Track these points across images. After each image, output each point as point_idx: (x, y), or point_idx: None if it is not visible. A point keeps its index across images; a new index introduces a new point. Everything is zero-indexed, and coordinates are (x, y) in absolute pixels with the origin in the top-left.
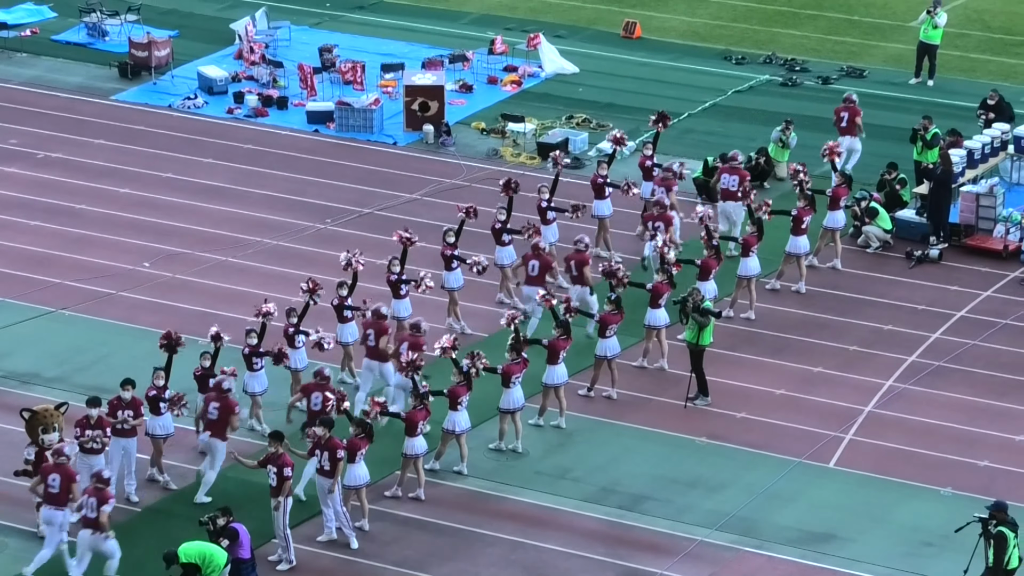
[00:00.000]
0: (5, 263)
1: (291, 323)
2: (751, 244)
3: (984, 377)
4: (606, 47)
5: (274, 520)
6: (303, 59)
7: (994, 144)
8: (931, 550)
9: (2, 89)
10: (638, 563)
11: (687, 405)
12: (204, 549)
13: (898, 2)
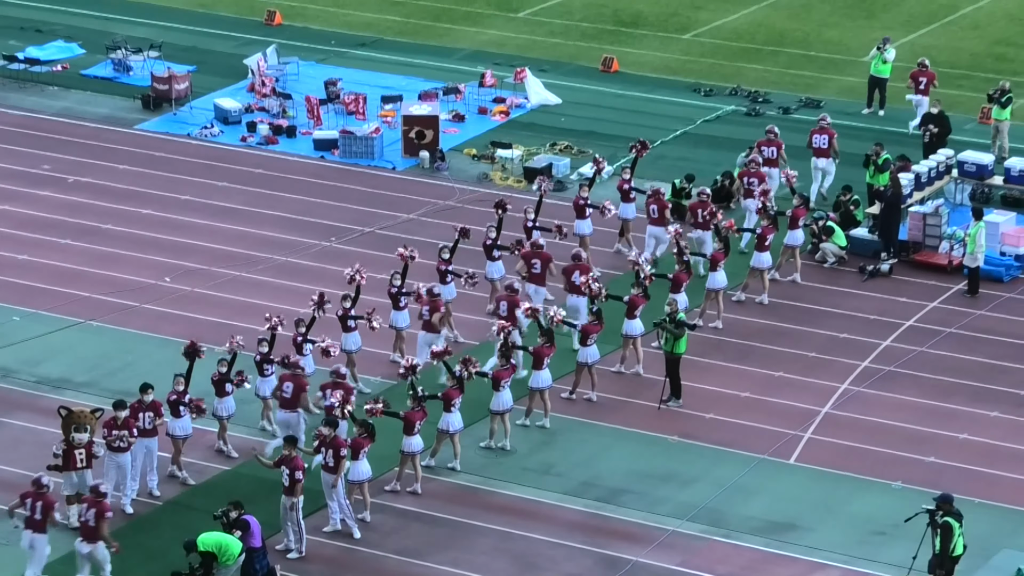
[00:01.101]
0: (38, 278)
1: (299, 332)
2: (719, 259)
3: (931, 381)
4: (586, 80)
5: (287, 516)
6: (310, 91)
7: (939, 169)
8: (883, 539)
9: (35, 119)
10: (616, 551)
11: (660, 407)
12: (220, 539)
13: (851, 39)
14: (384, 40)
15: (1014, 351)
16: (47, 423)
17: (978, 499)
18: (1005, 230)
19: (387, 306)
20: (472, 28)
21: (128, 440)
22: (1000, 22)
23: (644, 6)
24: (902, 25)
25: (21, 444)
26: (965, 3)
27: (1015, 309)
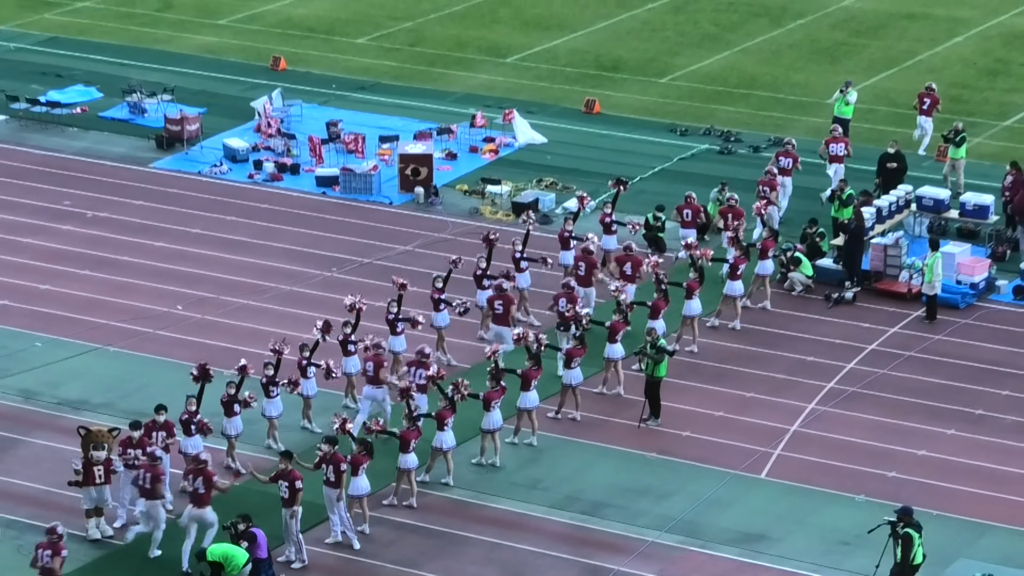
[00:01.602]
0: (59, 307)
1: (304, 356)
2: (694, 288)
3: (892, 401)
4: (570, 121)
5: (288, 526)
6: (313, 132)
7: (899, 203)
8: (848, 548)
9: (57, 158)
10: (598, 561)
11: (640, 425)
12: (227, 550)
13: (817, 82)
14: (382, 84)
15: (969, 373)
16: (67, 442)
17: (936, 511)
18: (961, 260)
19: (385, 331)
20: (464, 72)
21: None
22: (955, 66)
23: (624, 52)
24: (864, 70)
25: (43, 461)
26: (923, 49)
27: (970, 334)
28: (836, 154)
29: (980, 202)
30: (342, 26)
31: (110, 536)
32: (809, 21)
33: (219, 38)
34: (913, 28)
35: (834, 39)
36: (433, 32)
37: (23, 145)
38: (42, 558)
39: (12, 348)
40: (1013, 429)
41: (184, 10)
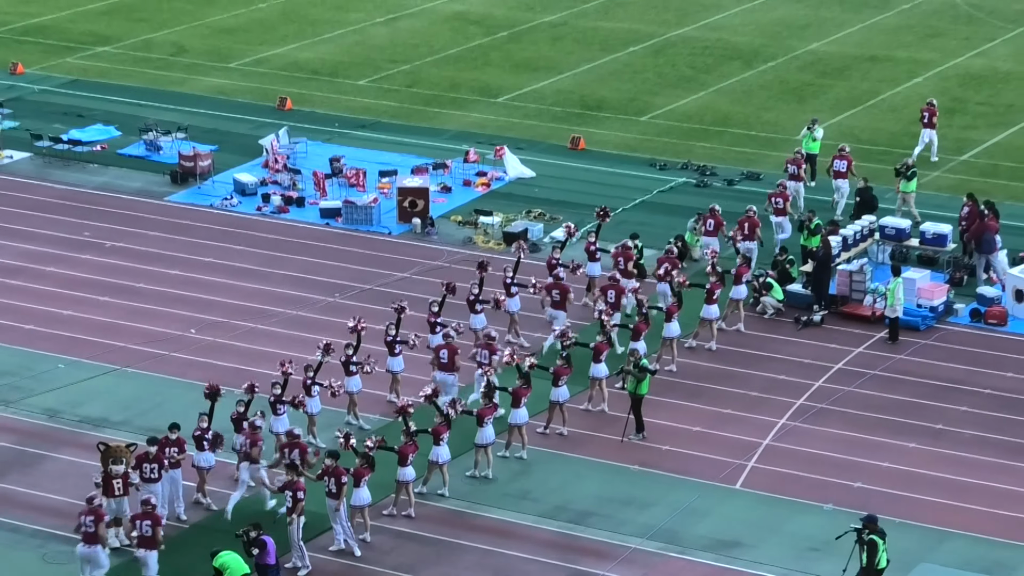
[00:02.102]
0: (80, 331)
1: (308, 376)
2: (673, 312)
3: (857, 416)
4: (557, 157)
5: (289, 533)
6: (317, 167)
7: (863, 232)
8: (817, 554)
9: (78, 192)
10: (584, 566)
11: (623, 440)
12: (227, 560)
13: (786, 120)
14: (381, 122)
15: (929, 390)
16: (89, 457)
17: (899, 519)
18: (921, 285)
19: (383, 353)
20: (457, 112)
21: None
22: (915, 105)
23: (607, 92)
24: (830, 108)
25: (67, 475)
26: (885, 89)
27: (930, 354)
28: (839, 171)
29: (939, 231)
30: (344, 69)
31: (127, 545)
32: (779, 63)
33: (229, 80)
34: (876, 70)
35: (802, 80)
36: (429, 74)
37: (46, 180)
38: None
39: (37, 369)
40: (971, 443)
41: (196, 54)
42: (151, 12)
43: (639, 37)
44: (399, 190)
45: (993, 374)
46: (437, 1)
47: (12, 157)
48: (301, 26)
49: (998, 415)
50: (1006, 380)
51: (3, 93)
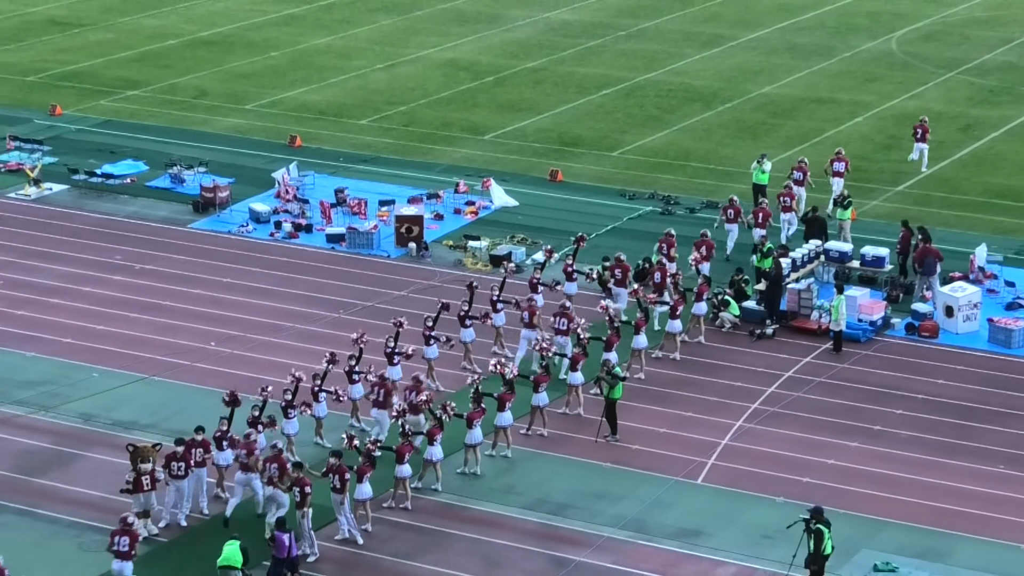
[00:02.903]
0: (112, 344)
1: (316, 384)
2: (641, 325)
3: (805, 418)
4: (537, 188)
5: (300, 524)
6: (323, 197)
7: (810, 255)
8: (769, 542)
9: (110, 220)
10: (563, 553)
11: (597, 440)
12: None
13: (741, 155)
14: (381, 157)
15: (869, 395)
16: (120, 456)
17: (842, 510)
18: (862, 302)
19: (383, 363)
20: (449, 148)
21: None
22: (856, 142)
23: (582, 130)
24: (781, 144)
25: (100, 473)
26: (829, 127)
27: (870, 363)
28: (838, 171)
29: (877, 254)
30: (348, 110)
31: (155, 534)
32: (735, 104)
33: (245, 120)
34: (821, 110)
35: (756, 119)
36: (423, 114)
37: (82, 210)
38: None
39: (73, 378)
40: (906, 442)
41: (216, 97)
42: (175, 59)
43: (611, 81)
44: (397, 218)
45: (926, 381)
46: (430, 50)
47: (52, 189)
48: (309, 72)
49: (930, 417)
50: (937, 386)
51: (44, 132)
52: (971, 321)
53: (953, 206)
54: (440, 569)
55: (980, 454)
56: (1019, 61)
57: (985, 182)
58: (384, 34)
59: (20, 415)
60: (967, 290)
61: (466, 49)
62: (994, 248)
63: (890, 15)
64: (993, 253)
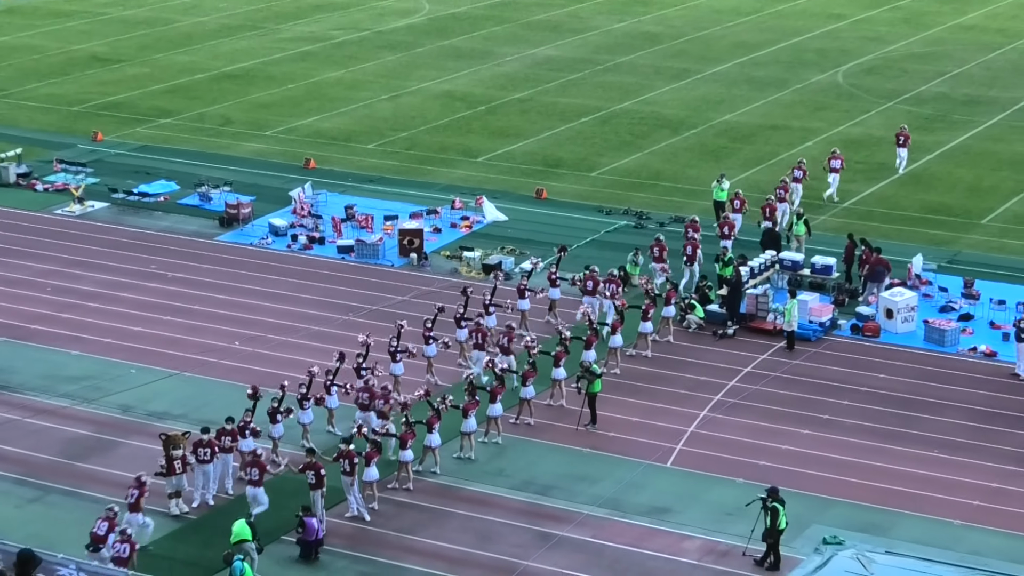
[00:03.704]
0: (148, 343)
1: (328, 378)
2: (617, 327)
3: (762, 409)
4: (525, 204)
5: (314, 503)
6: (334, 213)
7: (766, 264)
8: (731, 518)
9: (145, 234)
10: (547, 528)
11: (578, 428)
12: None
13: (705, 176)
14: (385, 177)
15: (819, 388)
16: (154, 443)
17: (795, 490)
18: (812, 305)
19: (387, 360)
20: (446, 169)
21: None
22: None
23: (564, 154)
24: (740, 166)
25: (136, 458)
26: (783, 151)
27: (819, 360)
28: (835, 167)
29: (826, 263)
30: (356, 136)
31: (187, 512)
32: (699, 130)
33: (266, 145)
34: (775, 135)
35: (718, 144)
36: (423, 140)
37: (120, 224)
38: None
39: (113, 374)
40: (852, 429)
41: (240, 125)
42: (203, 91)
43: (589, 110)
44: (400, 231)
45: (869, 375)
46: (429, 82)
47: (94, 206)
48: (322, 102)
49: (873, 408)
50: (879, 380)
51: (87, 156)
52: (909, 322)
53: (893, 221)
54: (438, 543)
55: (917, 440)
56: (951, 92)
57: (921, 199)
58: (388, 69)
59: (66, 407)
60: (905, 295)
61: (461, 82)
62: (929, 258)
63: (837, 51)
64: (928, 262)
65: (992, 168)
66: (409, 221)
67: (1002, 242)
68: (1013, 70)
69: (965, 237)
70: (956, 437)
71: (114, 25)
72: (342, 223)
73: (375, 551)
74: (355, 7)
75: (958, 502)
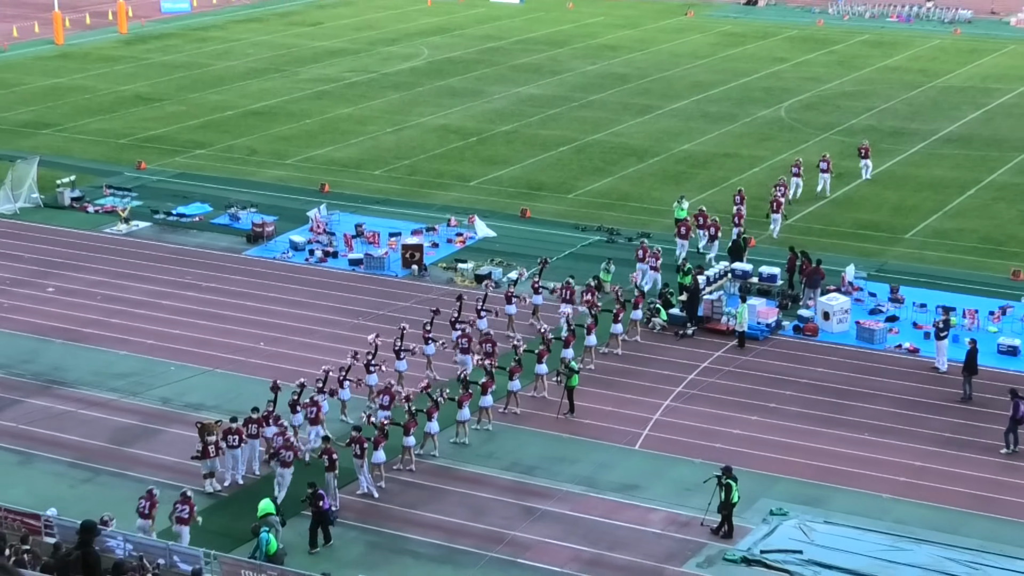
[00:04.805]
0: (185, 344)
1: (341, 374)
2: (592, 328)
3: (717, 399)
4: (511, 222)
5: (328, 483)
6: (346, 231)
7: (720, 273)
8: (690, 493)
9: (182, 250)
10: (531, 503)
11: (558, 417)
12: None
13: (667, 197)
14: (391, 199)
15: (766, 381)
16: (191, 431)
17: (746, 469)
18: (760, 309)
19: (392, 358)
20: (442, 192)
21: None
22: (754, 187)
23: (545, 178)
24: (697, 189)
25: (176, 443)
26: (733, 176)
27: (766, 356)
28: (823, 168)
29: (771, 272)
30: (365, 164)
31: (219, 491)
32: (662, 158)
33: (286, 172)
34: (727, 162)
35: (678, 170)
36: (423, 166)
37: (161, 241)
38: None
39: (155, 371)
40: (794, 416)
41: (264, 155)
42: (232, 126)
43: (567, 141)
44: (403, 246)
45: (809, 369)
46: (428, 117)
47: (138, 226)
48: (335, 135)
49: (812, 397)
50: (818, 373)
51: (132, 182)
52: (843, 323)
53: (828, 235)
54: (438, 516)
55: (851, 425)
56: (879, 124)
57: (853, 217)
58: (392, 106)
59: (114, 399)
60: (840, 300)
61: (455, 116)
62: (860, 267)
63: (780, 89)
64: (859, 271)
65: (914, 190)
66: (411, 237)
67: (923, 254)
68: (932, 105)
69: (891, 249)
70: (884, 422)
71: (156, 69)
72: (353, 239)
73: (382, 523)
74: (364, 53)
75: (887, 478)
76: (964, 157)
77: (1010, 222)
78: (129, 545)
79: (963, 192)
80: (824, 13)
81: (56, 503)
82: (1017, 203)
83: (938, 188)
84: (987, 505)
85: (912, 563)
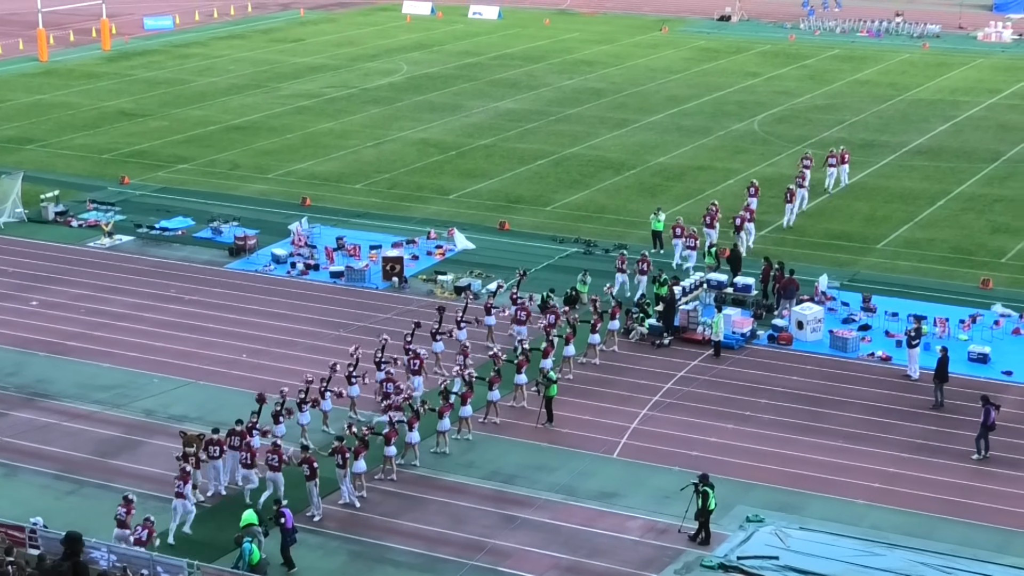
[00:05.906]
0: (167, 356)
1: (323, 385)
2: (570, 338)
3: (694, 407)
4: (490, 235)
5: (310, 492)
6: (327, 244)
7: (696, 283)
8: (668, 500)
9: (166, 263)
10: (511, 512)
11: (537, 426)
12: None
13: (643, 209)
14: (371, 213)
15: (741, 389)
16: (175, 442)
17: (722, 476)
18: (735, 319)
19: (372, 370)
20: (422, 205)
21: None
22: (729, 198)
23: (523, 191)
24: (672, 201)
25: (159, 455)
26: (708, 188)
27: (741, 364)
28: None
29: (746, 282)
30: (345, 178)
31: (202, 501)
32: (638, 171)
33: (268, 186)
34: (702, 175)
35: (653, 182)
36: (403, 180)
37: (144, 255)
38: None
39: (139, 383)
40: (769, 424)
41: (246, 169)
42: (215, 140)
43: (544, 154)
44: (383, 258)
45: (783, 377)
46: (408, 131)
47: (121, 239)
48: (316, 149)
49: (787, 405)
50: (792, 381)
51: (115, 196)
52: (816, 332)
53: (802, 246)
54: (418, 525)
55: (825, 432)
56: (850, 137)
57: (825, 228)
58: (373, 120)
59: (98, 411)
60: (813, 309)
61: (435, 131)
62: (833, 277)
63: (753, 103)
64: (832, 281)
65: (885, 201)
66: (391, 250)
67: (894, 263)
68: (902, 118)
69: (863, 259)
70: (857, 429)
71: (139, 85)
72: (334, 252)
73: (364, 532)
74: (345, 69)
75: (860, 484)
76: (934, 169)
77: (979, 232)
78: (113, 556)
79: (933, 203)
80: (796, 28)
81: (41, 515)
82: (986, 213)
83: (908, 199)
84: (959, 510)
85: (886, 568)
